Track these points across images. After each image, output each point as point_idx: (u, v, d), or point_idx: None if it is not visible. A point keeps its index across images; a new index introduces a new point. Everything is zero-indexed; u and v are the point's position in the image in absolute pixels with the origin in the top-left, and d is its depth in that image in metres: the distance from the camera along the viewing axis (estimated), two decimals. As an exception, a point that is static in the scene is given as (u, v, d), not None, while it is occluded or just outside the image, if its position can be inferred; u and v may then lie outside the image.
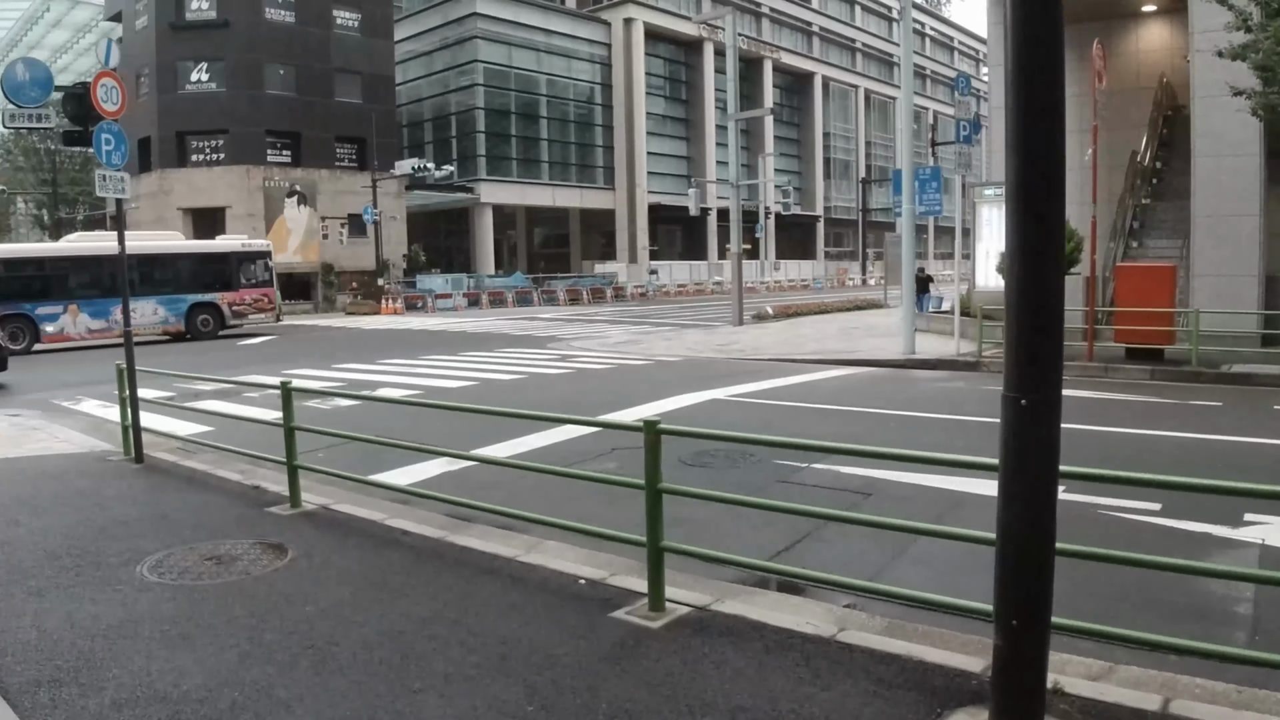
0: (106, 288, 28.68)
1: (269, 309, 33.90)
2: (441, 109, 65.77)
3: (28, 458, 10.24)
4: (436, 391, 14.94)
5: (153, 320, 30.71)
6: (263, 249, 34.70)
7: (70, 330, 28.79)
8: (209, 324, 32.11)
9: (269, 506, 7.49)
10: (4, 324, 27.02)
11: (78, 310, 28.91)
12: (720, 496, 5.37)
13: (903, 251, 20.24)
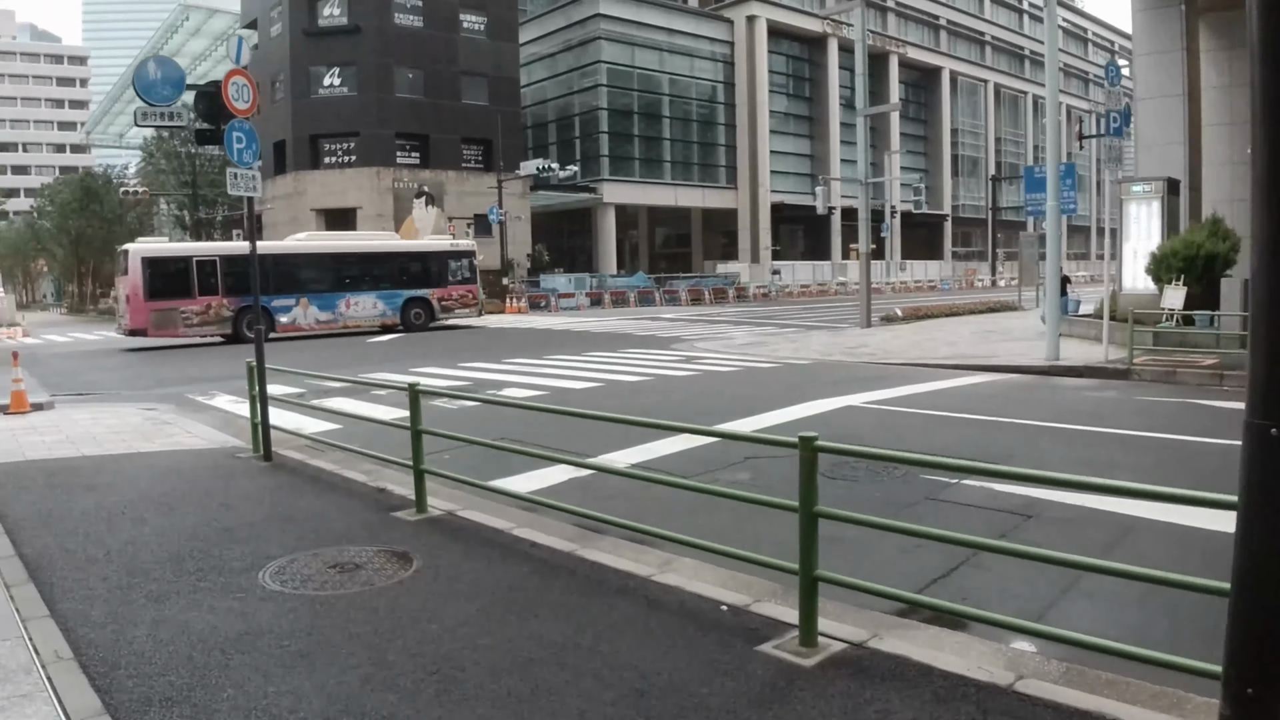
0: (334, 283, 32.55)
1: (472, 304, 36.32)
2: (565, 110, 66.20)
3: (159, 453, 10.32)
4: (562, 392, 14.70)
5: (373, 313, 33.45)
6: (468, 249, 36.83)
7: (301, 321, 31.98)
8: (420, 317, 34.53)
9: (394, 511, 7.27)
10: (243, 314, 30.12)
11: (308, 303, 32.00)
12: (886, 524, 4.80)
13: (1047, 251, 19.22)
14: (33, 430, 12.25)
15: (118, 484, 8.52)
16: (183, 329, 29.95)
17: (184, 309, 29.79)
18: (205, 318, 30.21)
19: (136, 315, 29.32)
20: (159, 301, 29.41)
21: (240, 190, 9.29)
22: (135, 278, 29.28)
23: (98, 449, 10.66)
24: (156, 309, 29.38)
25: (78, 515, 7.35)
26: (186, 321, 29.90)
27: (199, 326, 30.18)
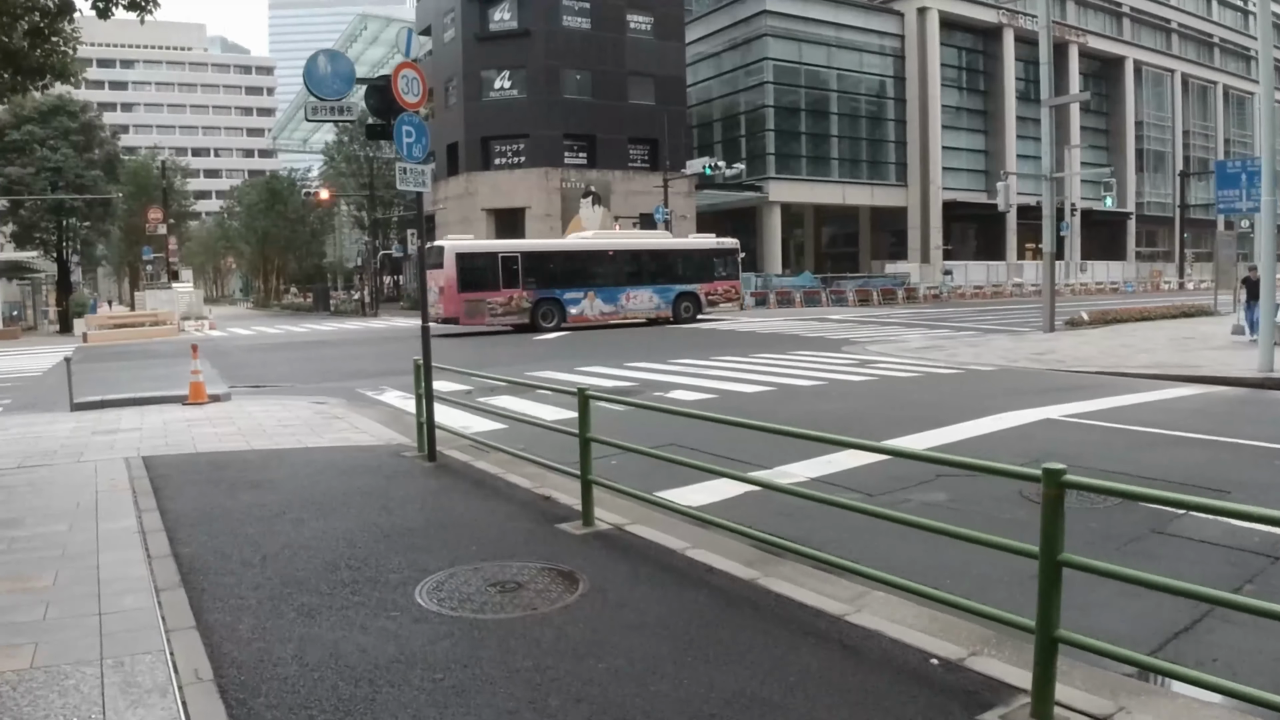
0: (616, 277, 34.79)
1: (735, 299, 38.41)
2: (730, 108, 65.48)
3: (324, 448, 10.21)
4: (732, 396, 14.06)
5: (648, 306, 35.47)
6: (732, 247, 38.72)
7: (588, 313, 34.22)
8: (689, 310, 36.31)
9: (560, 523, 6.79)
10: (539, 306, 32.95)
11: (594, 296, 34.27)
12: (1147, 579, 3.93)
13: (1261, 251, 17.42)
14: (207, 421, 12.43)
15: (280, 481, 8.37)
16: (488, 318, 32.38)
17: (490, 300, 32.32)
18: (508, 308, 32.68)
19: (450, 305, 31.66)
20: (469, 293, 31.92)
21: (409, 185, 9.04)
22: (450, 271, 31.72)
23: (266, 442, 10.65)
24: (467, 299, 31.87)
25: (238, 514, 7.17)
26: (492, 311, 32.40)
27: (502, 316, 32.58)
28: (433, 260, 31.97)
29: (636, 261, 35.68)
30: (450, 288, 31.63)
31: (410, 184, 9.04)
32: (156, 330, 37.54)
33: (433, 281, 31.94)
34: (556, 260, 34.57)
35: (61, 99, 46.56)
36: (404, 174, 9.01)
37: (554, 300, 33.46)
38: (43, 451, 10.32)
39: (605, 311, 34.51)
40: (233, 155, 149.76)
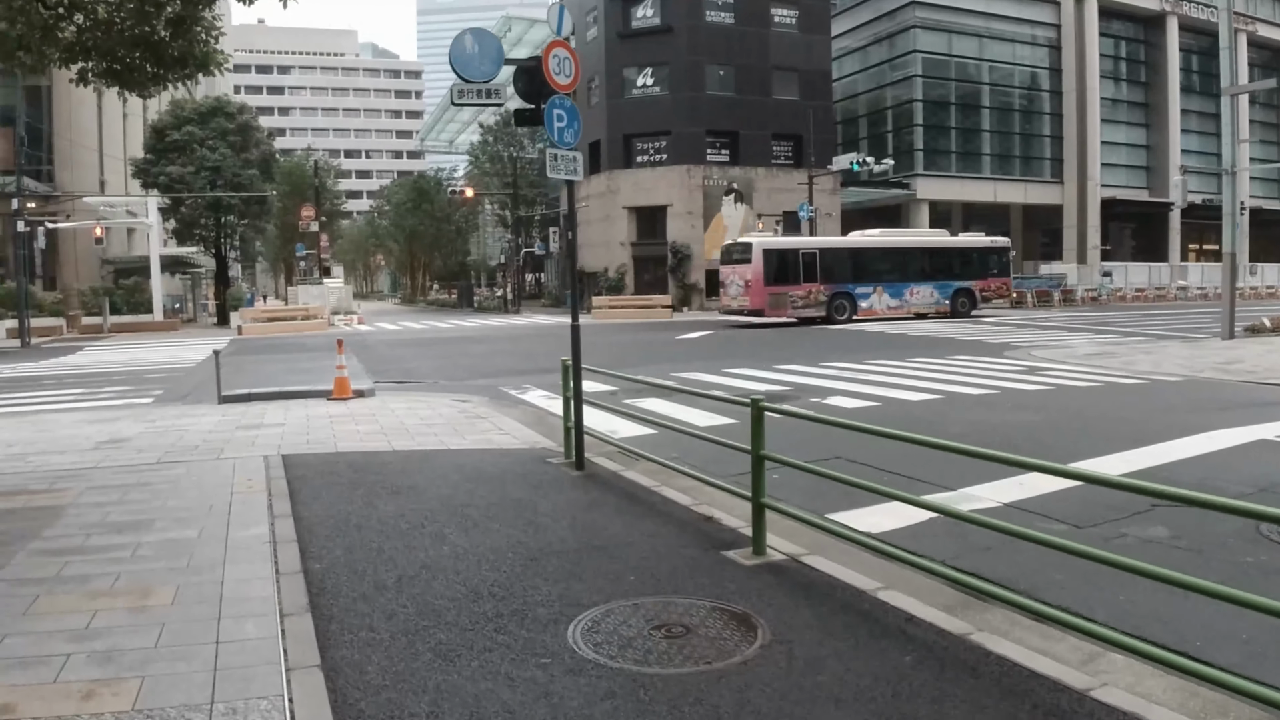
0: (901, 274, 36.67)
1: (1006, 295, 40.61)
2: (876, 103, 63.63)
3: (468, 451, 9.69)
4: (895, 404, 13.02)
5: (929, 301, 37.25)
6: (1004, 245, 40.37)
7: (876, 307, 36.01)
8: (965, 305, 37.97)
9: (726, 549, 6.00)
10: (833, 300, 34.86)
11: (882, 291, 36.17)
12: None
13: None
14: (350, 418, 12.11)
15: (422, 487, 7.83)
16: (789, 310, 34.22)
17: (792, 293, 34.24)
18: (807, 301, 34.52)
19: (756, 298, 33.67)
20: (774, 286, 33.92)
21: (560, 174, 8.41)
22: (757, 266, 33.70)
23: (408, 442, 10.21)
24: (772, 292, 33.84)
25: (375, 524, 6.63)
26: (793, 304, 34.26)
27: (802, 309, 34.42)
28: (737, 255, 34.79)
29: (920, 259, 37.51)
30: (757, 281, 33.61)
31: (561, 172, 8.41)
32: (307, 324, 38.40)
33: (737, 275, 34.72)
34: (850, 257, 36.34)
35: (219, 100, 48.33)
36: (554, 161, 8.39)
37: (847, 295, 35.32)
38: (185, 446, 10.11)
39: (891, 306, 36.26)
40: (382, 156, 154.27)
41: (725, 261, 36.24)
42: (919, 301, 36.87)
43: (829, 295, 34.75)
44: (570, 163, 8.48)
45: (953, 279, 37.70)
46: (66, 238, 44.67)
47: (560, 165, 8.40)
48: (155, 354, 27.31)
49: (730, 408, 11.42)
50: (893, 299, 36.29)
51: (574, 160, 8.54)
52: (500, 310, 56.93)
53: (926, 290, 37.05)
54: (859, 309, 35.42)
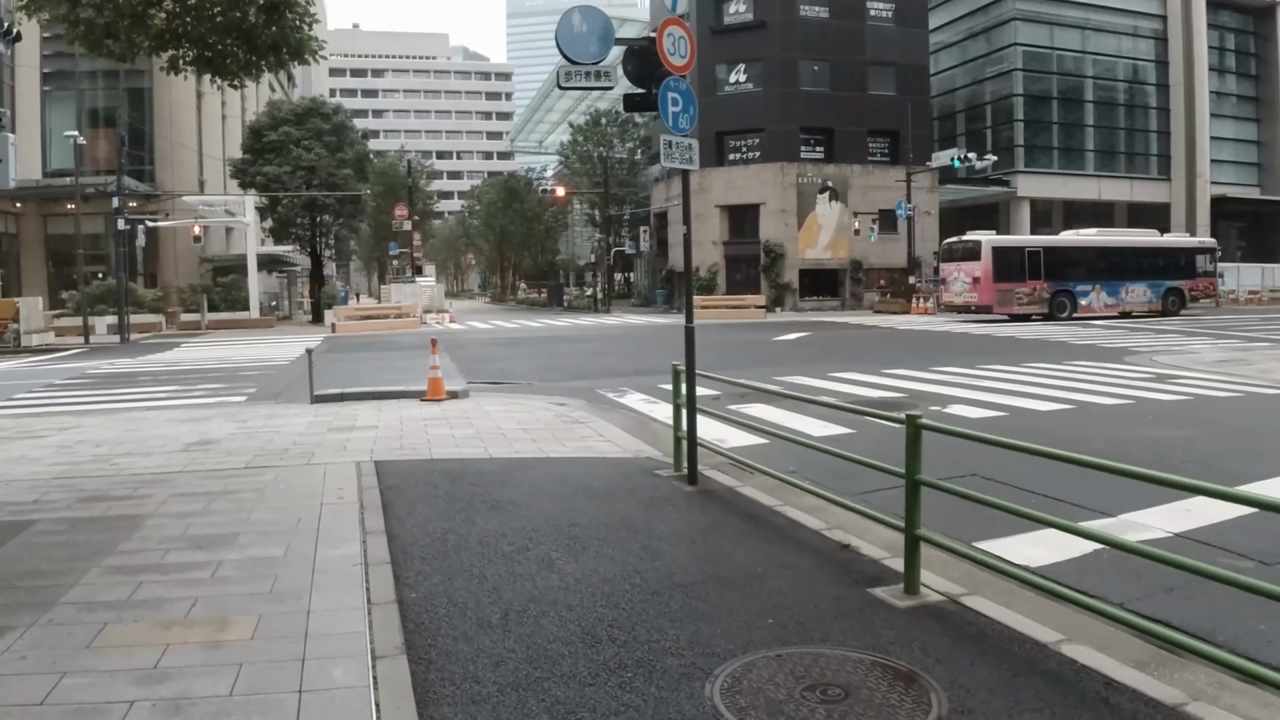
0: (1118, 272, 37.06)
1: (1212, 294, 40.41)
2: (974, 98, 61.75)
3: (569, 460, 9.07)
4: (1025, 415, 11.99)
5: (1142, 300, 37.56)
6: (1211, 246, 40.83)
7: (1094, 305, 36.53)
8: (1175, 304, 38.17)
9: (872, 586, 5.23)
10: (1055, 297, 35.47)
11: (1099, 289, 36.59)
12: None
13: None
14: (444, 421, 11.60)
15: (523, 502, 7.20)
16: (1015, 306, 34.89)
17: (1017, 290, 34.86)
18: (1031, 298, 35.08)
19: (985, 294, 34.56)
20: (1002, 283, 34.58)
21: (675, 162, 7.73)
22: (986, 264, 34.53)
23: (506, 449, 9.63)
24: (1000, 289, 34.58)
25: (475, 544, 6.01)
26: (1019, 300, 34.89)
27: (1027, 305, 35.03)
28: (961, 253, 35.91)
29: (1135, 258, 37.92)
30: (986, 278, 34.41)
31: (676, 160, 7.73)
32: (400, 322, 38.41)
33: (962, 272, 35.63)
34: (1071, 256, 36.78)
35: (315, 101, 48.86)
36: (669, 149, 7.71)
37: (1068, 292, 35.89)
38: (275, 450, 9.67)
39: (1108, 304, 36.66)
40: (473, 157, 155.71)
41: (947, 259, 37.41)
42: (1133, 300, 37.17)
43: (1052, 293, 35.28)
44: (686, 150, 7.79)
45: (1165, 278, 37.94)
46: (166, 236, 45.54)
47: (675, 153, 7.71)
48: (250, 351, 27.39)
49: (843, 416, 10.65)
50: (1110, 297, 36.66)
51: (690, 148, 7.85)
52: (590, 309, 56.56)
53: (1141, 289, 37.31)
54: (1079, 306, 35.92)
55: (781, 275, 48.25)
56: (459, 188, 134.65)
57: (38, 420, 13.08)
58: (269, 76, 72.13)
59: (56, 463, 9.30)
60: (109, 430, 11.57)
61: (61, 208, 40.58)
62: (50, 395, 17.46)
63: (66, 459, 9.50)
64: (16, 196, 43.02)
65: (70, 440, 10.82)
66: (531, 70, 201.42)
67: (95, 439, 10.85)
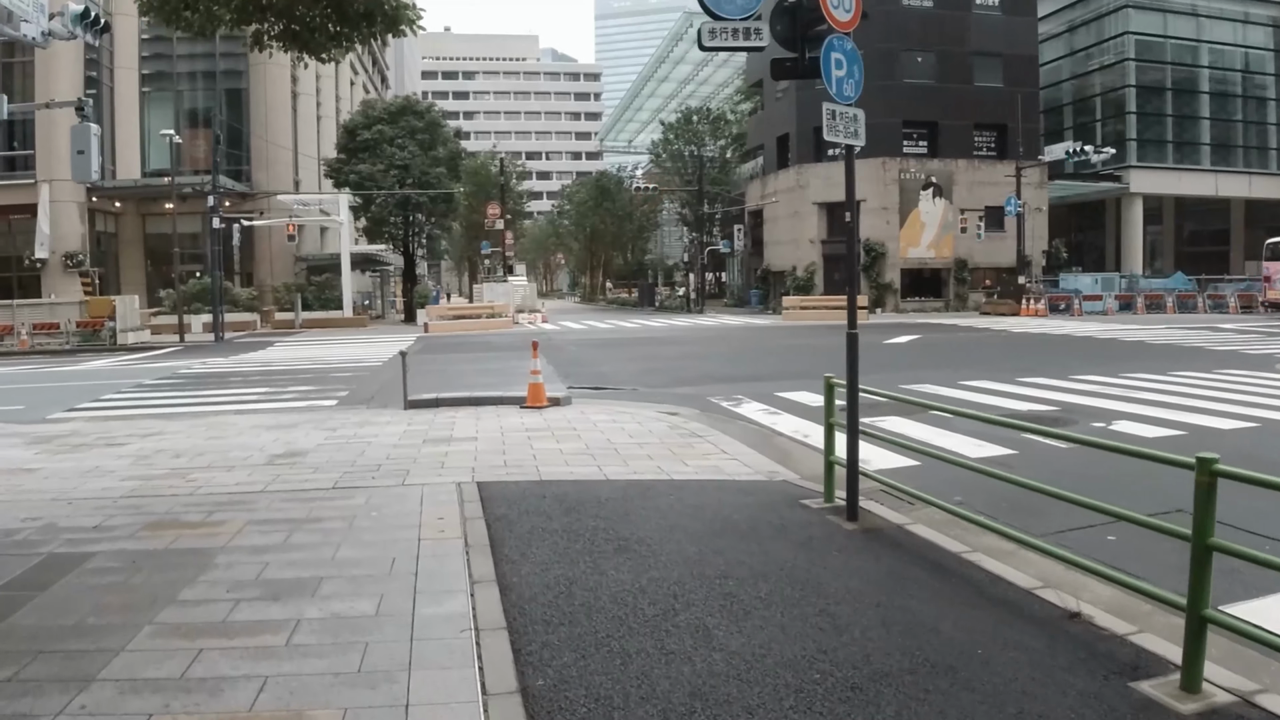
0: None
1: None
2: (1083, 90, 59.08)
3: (696, 482, 7.90)
4: (1205, 434, 10.36)
5: None
6: None
7: None
8: None
9: (1134, 678, 3.91)
10: None
11: None
12: None
13: None
14: (548, 432, 10.52)
15: (656, 540, 6.02)
16: None
17: None
18: None
19: None
20: None
21: (839, 136, 6.53)
22: None
23: (621, 468, 8.49)
24: None
25: (608, 602, 4.85)
26: None
27: None
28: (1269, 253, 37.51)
29: None
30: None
31: (840, 134, 6.53)
32: (493, 322, 37.71)
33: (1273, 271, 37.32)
34: None
35: (409, 100, 48.56)
36: (832, 120, 6.51)
37: None
38: (366, 466, 8.68)
39: None
40: (562, 158, 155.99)
41: (1271, 258, 38.41)
42: None
43: None
44: (851, 122, 6.59)
45: None
46: (262, 235, 45.65)
47: (839, 125, 6.51)
48: (342, 351, 26.83)
49: (999, 432, 9.32)
50: None
51: (855, 119, 6.65)
52: (682, 310, 55.37)
53: None
54: None
55: (882, 275, 46.43)
56: (548, 188, 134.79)
57: (122, 424, 12.38)
58: (363, 77, 72.54)
59: (130, 476, 8.44)
60: (191, 438, 10.75)
61: (160, 207, 40.85)
62: (138, 396, 16.90)
63: (141, 472, 8.65)
64: (116, 196, 43.56)
65: (149, 449, 10.01)
66: (619, 70, 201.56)
67: (175, 448, 10.02)
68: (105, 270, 44.09)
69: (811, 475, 8.35)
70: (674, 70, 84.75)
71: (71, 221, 39.86)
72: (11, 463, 9.51)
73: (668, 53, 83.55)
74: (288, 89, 49.15)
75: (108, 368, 23.67)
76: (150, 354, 28.12)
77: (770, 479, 8.19)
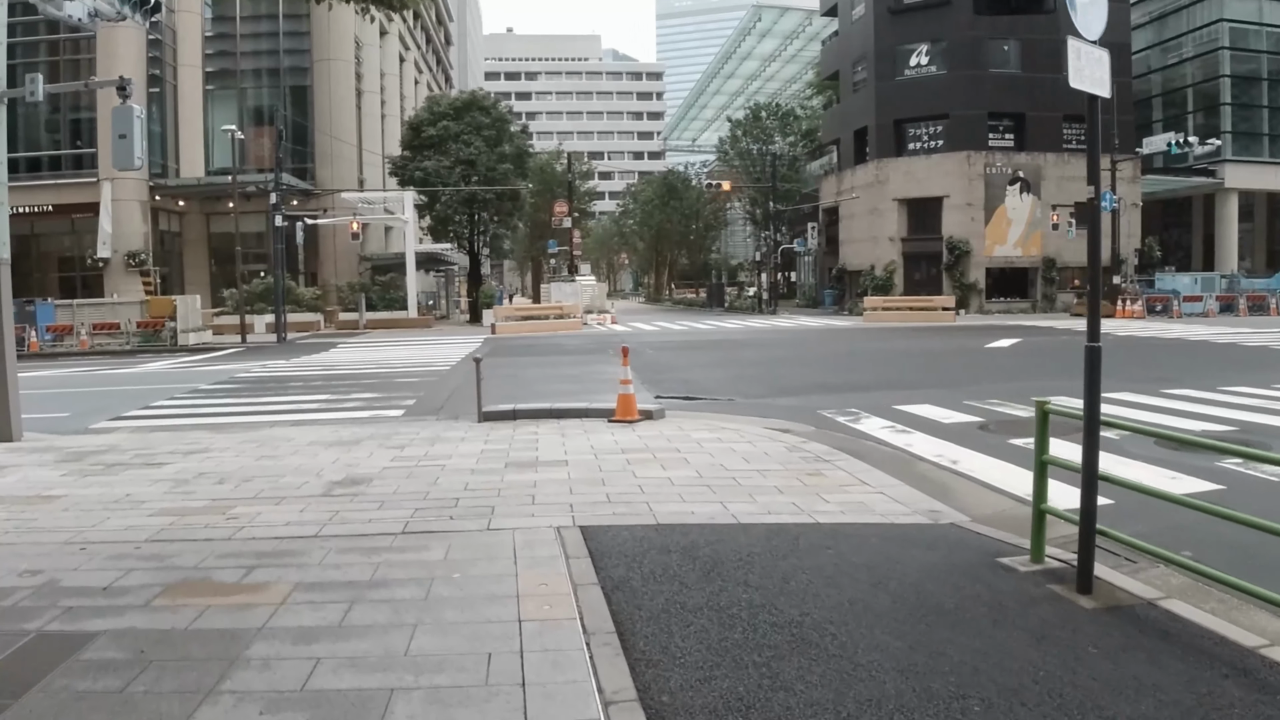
0: None
1: None
2: (1173, 81, 56.23)
3: (851, 527, 6.31)
4: None
5: None
6: None
7: None
8: None
9: None
10: None
11: None
12: None
13: None
14: (649, 455, 8.99)
15: (839, 627, 4.41)
16: None
17: None
18: None
19: None
20: None
21: (1084, 83, 4.91)
22: None
23: (749, 505, 6.93)
24: None
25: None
26: None
27: None
28: None
29: None
30: None
31: (1085, 80, 4.90)
32: (561, 324, 36.32)
33: None
34: None
35: (474, 95, 47.46)
36: (1078, 60, 4.87)
37: None
38: (442, 499, 7.21)
39: None
40: (624, 158, 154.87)
41: None
42: None
43: None
44: (1095, 64, 4.95)
45: None
46: (326, 234, 44.84)
47: (1084, 68, 4.87)
48: (408, 353, 25.61)
49: (1178, 457, 7.65)
50: None
51: (1100, 61, 5.00)
52: (753, 310, 53.59)
53: None
54: None
55: (966, 274, 44.20)
56: (610, 188, 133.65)
57: (167, 436, 11.12)
58: (427, 76, 71.76)
59: (163, 509, 7.07)
60: (239, 456, 9.40)
61: (224, 206, 40.13)
62: (191, 403, 15.71)
63: (177, 504, 7.27)
64: (179, 194, 42.99)
65: (191, 471, 8.67)
66: (681, 69, 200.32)
67: (221, 470, 8.67)
68: (169, 270, 43.59)
69: (985, 517, 6.76)
70: (740, 67, 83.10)
71: (134, 220, 39.27)
72: (33, 486, 8.22)
73: (734, 48, 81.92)
74: (352, 86, 48.34)
75: (164, 370, 22.66)
76: (210, 355, 27.16)
77: (934, 521, 6.57)
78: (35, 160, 40.77)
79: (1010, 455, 9.19)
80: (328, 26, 45.77)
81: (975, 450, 9.53)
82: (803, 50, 75.07)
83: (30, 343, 29.16)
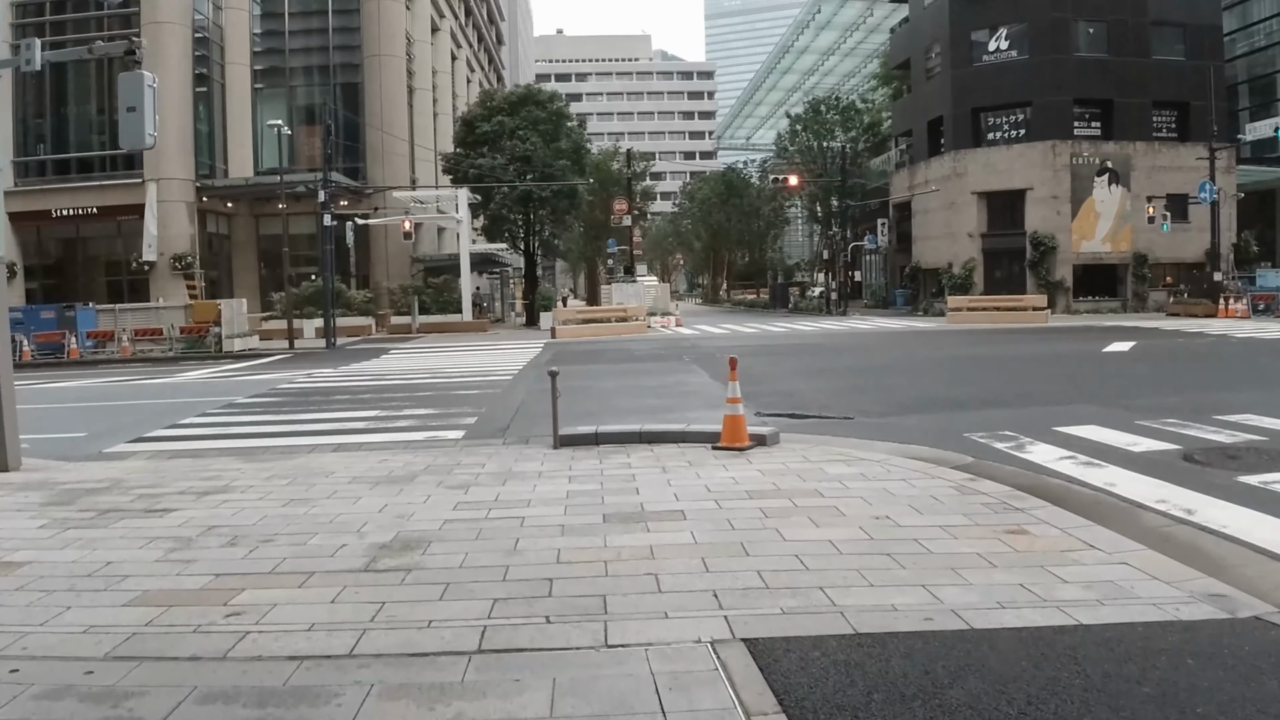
0: None
1: None
2: (1260, 66, 52.98)
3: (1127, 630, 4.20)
4: None
5: None
6: None
7: None
8: None
9: None
10: None
11: None
12: None
13: None
14: (782, 498, 6.92)
15: None
16: None
17: None
18: None
19: None
20: None
21: None
22: None
23: (961, 588, 4.84)
24: None
25: None
26: None
27: None
28: None
29: None
30: None
31: None
32: (624, 326, 34.37)
33: None
34: None
35: (530, 89, 45.71)
36: None
37: None
38: (527, 579, 5.19)
39: None
40: (675, 158, 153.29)
41: None
42: None
43: None
44: None
45: None
46: (378, 235, 43.35)
47: None
48: (465, 359, 23.81)
49: None
50: None
51: None
52: (820, 312, 51.26)
53: None
54: None
55: (1051, 271, 41.49)
56: (662, 188, 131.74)
57: (188, 464, 9.32)
58: (479, 75, 70.24)
59: (146, 592, 5.15)
60: (265, 499, 7.50)
61: (273, 207, 38.72)
62: (223, 420, 13.93)
63: (169, 580, 5.36)
64: (226, 195, 41.70)
65: (199, 523, 6.77)
66: (732, 68, 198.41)
67: (237, 522, 6.75)
68: (218, 273, 42.37)
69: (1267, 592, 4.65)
70: (796, 61, 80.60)
71: (180, 222, 37.98)
72: (-4, 547, 6.35)
73: (792, 41, 79.42)
74: (403, 83, 46.84)
75: (204, 380, 21.04)
76: (255, 363, 25.57)
77: (1230, 613, 4.45)
78: (86, 161, 39.79)
79: (1255, 501, 7.01)
80: (378, 22, 44.35)
81: (1201, 493, 7.35)
82: (862, 43, 72.52)
83: (70, 349, 27.84)
